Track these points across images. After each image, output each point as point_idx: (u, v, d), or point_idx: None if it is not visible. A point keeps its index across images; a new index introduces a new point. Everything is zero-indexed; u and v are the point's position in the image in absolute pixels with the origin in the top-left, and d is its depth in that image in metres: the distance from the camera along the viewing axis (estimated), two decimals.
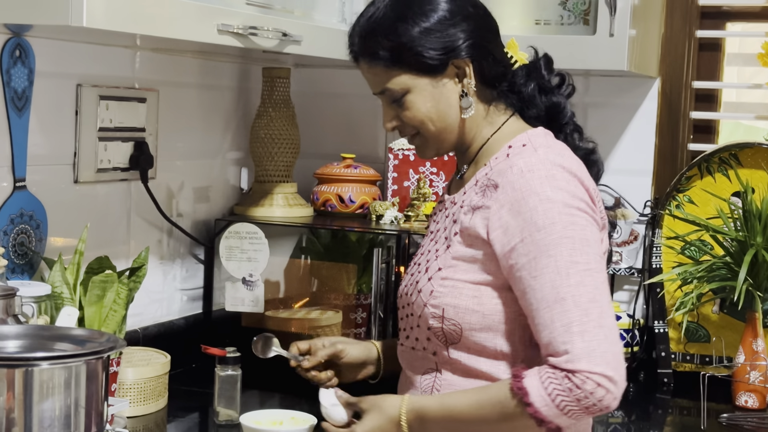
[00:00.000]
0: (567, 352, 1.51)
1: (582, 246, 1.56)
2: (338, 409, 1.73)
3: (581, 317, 1.52)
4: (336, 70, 2.85)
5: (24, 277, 2.03)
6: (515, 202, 1.58)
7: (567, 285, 1.54)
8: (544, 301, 1.54)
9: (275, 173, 2.62)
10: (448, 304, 1.64)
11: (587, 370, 1.50)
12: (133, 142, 2.31)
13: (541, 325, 1.55)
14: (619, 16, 2.27)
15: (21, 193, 2.02)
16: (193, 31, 1.87)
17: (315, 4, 2.30)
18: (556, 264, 1.55)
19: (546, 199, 1.57)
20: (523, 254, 1.56)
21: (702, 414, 2.24)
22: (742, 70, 2.79)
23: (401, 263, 2.34)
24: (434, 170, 2.60)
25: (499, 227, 1.59)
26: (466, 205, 1.66)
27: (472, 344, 1.64)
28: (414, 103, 1.68)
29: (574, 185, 1.60)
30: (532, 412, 1.52)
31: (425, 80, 1.67)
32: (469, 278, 1.64)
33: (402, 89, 1.67)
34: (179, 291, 2.54)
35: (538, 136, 1.69)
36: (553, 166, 1.60)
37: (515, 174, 1.60)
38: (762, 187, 2.46)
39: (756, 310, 2.35)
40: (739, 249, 2.34)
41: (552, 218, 1.56)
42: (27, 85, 2.01)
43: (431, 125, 1.69)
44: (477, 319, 1.63)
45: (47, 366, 1.43)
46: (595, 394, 1.50)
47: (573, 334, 1.51)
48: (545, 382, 1.52)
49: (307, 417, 1.93)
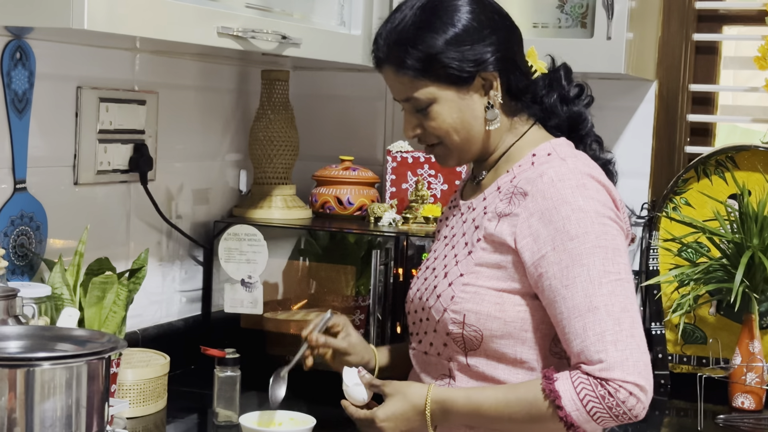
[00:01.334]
0: (601, 361, 1.52)
1: (614, 256, 1.57)
2: (360, 389, 1.72)
3: (614, 326, 1.53)
4: (335, 72, 2.86)
5: (24, 278, 2.03)
6: (546, 211, 1.59)
7: (600, 294, 1.55)
8: (576, 309, 1.55)
9: (274, 175, 2.63)
10: (470, 310, 1.64)
11: (621, 379, 1.51)
12: (132, 144, 2.32)
13: (572, 334, 1.55)
14: (616, 20, 2.28)
15: (21, 195, 2.03)
16: (193, 34, 1.88)
17: (314, 7, 2.31)
18: (589, 273, 1.55)
19: (578, 209, 1.58)
20: (555, 263, 1.57)
21: (699, 415, 2.25)
22: (738, 73, 2.80)
23: (400, 265, 2.34)
24: (432, 173, 2.61)
25: (528, 235, 1.59)
26: (490, 211, 1.66)
27: (492, 351, 1.64)
28: (440, 113, 1.67)
29: (603, 195, 1.62)
30: (563, 416, 1.53)
31: (452, 92, 1.66)
32: (492, 285, 1.63)
33: (428, 99, 1.66)
34: (178, 292, 2.55)
35: (561, 145, 1.69)
36: (583, 175, 1.61)
37: (546, 183, 1.60)
38: (758, 190, 2.47)
39: (752, 312, 2.36)
40: (736, 251, 2.35)
41: (585, 228, 1.57)
42: (27, 88, 2.02)
43: (456, 136, 1.68)
44: (498, 326, 1.63)
45: (49, 366, 1.44)
46: (627, 402, 1.52)
47: (606, 343, 1.52)
48: (578, 387, 1.53)
49: (306, 418, 1.94)
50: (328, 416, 2.06)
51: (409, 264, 2.34)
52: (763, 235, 2.32)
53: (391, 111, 2.85)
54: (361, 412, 1.69)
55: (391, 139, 2.80)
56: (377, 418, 1.66)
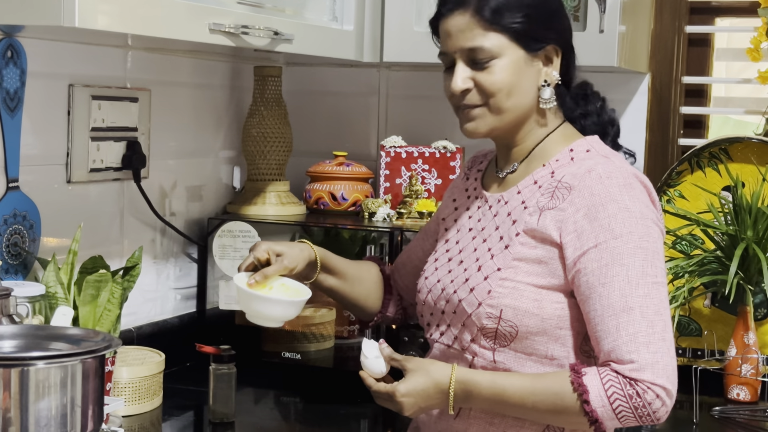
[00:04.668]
0: (632, 361, 1.52)
1: (653, 258, 1.57)
2: (379, 361, 1.67)
3: (647, 328, 1.53)
4: (328, 68, 2.86)
5: (18, 277, 2.03)
6: (592, 207, 1.58)
7: (636, 295, 1.54)
8: (611, 308, 1.55)
9: (268, 172, 2.63)
10: (508, 305, 1.62)
11: (650, 381, 1.51)
12: (125, 141, 2.32)
13: (604, 332, 1.55)
14: (608, 13, 2.28)
15: (14, 194, 2.02)
16: (185, 31, 1.88)
17: (306, 3, 2.31)
18: (628, 273, 1.55)
19: (624, 208, 1.58)
20: (595, 260, 1.56)
21: (694, 407, 2.25)
22: (731, 65, 2.81)
23: (394, 260, 2.34)
24: (426, 167, 2.61)
25: (573, 231, 1.59)
26: (531, 205, 1.64)
27: (523, 347, 1.63)
28: (502, 69, 1.63)
29: (646, 196, 1.62)
30: (589, 411, 1.53)
31: (521, 51, 1.64)
32: (532, 281, 1.62)
33: (496, 51, 1.63)
34: (173, 290, 2.54)
35: (599, 143, 1.70)
36: (630, 175, 1.61)
37: (594, 179, 1.60)
38: (752, 182, 2.47)
39: (747, 304, 2.37)
40: (730, 243, 2.35)
41: (630, 227, 1.57)
42: (19, 86, 2.02)
43: (506, 99, 1.65)
44: (535, 323, 1.61)
45: (43, 365, 1.44)
46: (653, 405, 1.52)
47: (639, 344, 1.52)
48: (606, 384, 1.53)
49: (300, 287, 1.78)
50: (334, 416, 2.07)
51: None
52: (757, 226, 2.32)
53: (384, 106, 2.84)
54: (381, 385, 1.65)
55: (384, 134, 2.80)
56: (397, 392, 1.62)
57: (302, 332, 2.44)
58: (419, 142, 2.64)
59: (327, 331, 2.42)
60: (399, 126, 2.79)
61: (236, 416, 2.13)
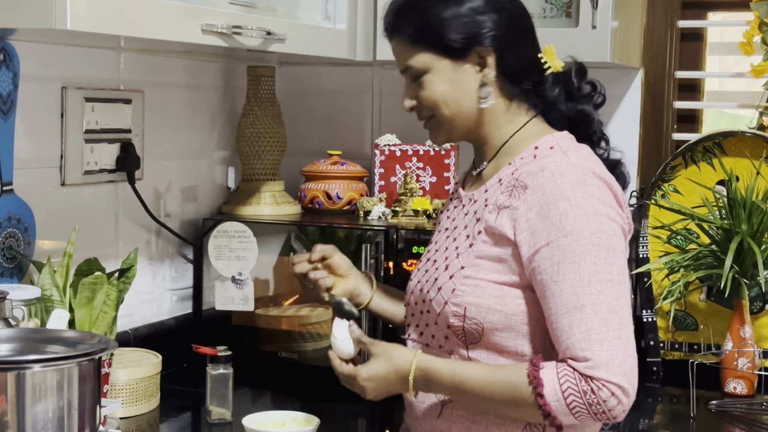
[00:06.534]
0: (587, 359, 1.52)
1: (606, 255, 1.57)
2: (348, 343, 1.71)
3: (600, 326, 1.53)
4: (321, 67, 2.86)
5: (13, 280, 2.03)
6: (545, 205, 1.59)
7: (588, 293, 1.54)
8: (563, 306, 1.55)
9: (262, 171, 2.63)
10: (471, 303, 1.63)
11: (605, 379, 1.51)
12: (119, 143, 2.32)
13: (559, 330, 1.55)
14: (601, 8, 2.28)
15: (8, 197, 2.02)
16: (177, 32, 1.87)
17: (298, 3, 2.31)
18: (579, 271, 1.55)
19: (576, 205, 1.57)
20: (547, 258, 1.57)
21: (691, 401, 2.26)
22: (724, 59, 2.81)
23: (390, 259, 2.34)
24: (421, 165, 2.61)
25: (526, 229, 1.59)
26: (491, 203, 1.66)
27: (493, 344, 1.64)
28: (431, 83, 1.69)
29: (604, 192, 1.61)
30: (542, 404, 1.53)
31: (446, 62, 1.68)
32: (493, 278, 1.63)
33: (422, 68, 1.68)
34: (169, 291, 2.54)
35: (564, 139, 1.69)
36: (584, 171, 1.61)
37: (546, 177, 1.60)
38: (746, 176, 2.47)
39: (742, 297, 2.37)
40: (725, 237, 2.35)
41: (580, 225, 1.57)
42: (12, 89, 2.01)
43: (445, 108, 1.69)
44: (499, 319, 1.63)
45: (40, 368, 1.43)
46: (608, 402, 1.51)
47: (592, 342, 1.52)
48: (561, 378, 1.53)
49: (309, 417, 1.93)
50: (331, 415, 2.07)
51: (400, 257, 2.34)
52: (752, 220, 2.33)
53: (378, 105, 2.84)
54: (345, 367, 1.70)
55: (378, 132, 2.79)
56: (359, 377, 1.67)
57: (299, 332, 2.44)
58: (413, 140, 2.64)
59: (323, 330, 2.42)
60: (393, 124, 2.79)
61: (233, 417, 2.12)
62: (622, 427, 2.16)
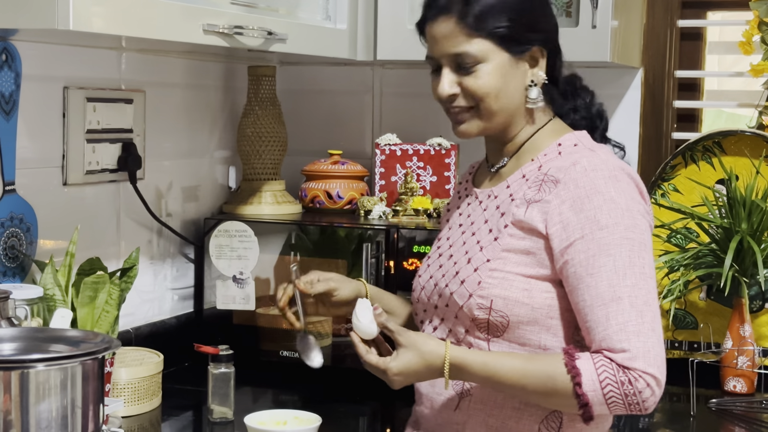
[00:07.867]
0: (624, 350, 1.53)
1: (640, 250, 1.59)
2: (372, 325, 1.65)
3: (637, 318, 1.54)
4: (321, 67, 2.86)
5: (16, 280, 2.03)
6: (578, 199, 1.60)
7: (624, 285, 1.56)
8: (600, 298, 1.56)
9: (263, 171, 2.63)
10: (497, 295, 1.63)
11: (642, 370, 1.53)
12: (120, 143, 2.32)
13: (594, 322, 1.56)
14: (601, 8, 2.29)
15: (10, 197, 2.02)
16: (179, 32, 1.88)
17: (299, 3, 2.31)
18: (615, 264, 1.56)
19: (610, 200, 1.59)
20: (582, 251, 1.58)
21: (691, 400, 2.26)
22: (723, 58, 2.81)
23: (391, 258, 2.35)
24: (421, 165, 2.61)
25: (558, 222, 1.60)
26: (518, 198, 1.66)
27: (516, 337, 1.65)
28: (487, 74, 1.66)
29: (633, 189, 1.63)
30: (580, 393, 1.54)
31: (506, 55, 1.66)
32: (520, 271, 1.64)
33: (480, 56, 1.65)
34: (170, 290, 2.55)
35: (586, 137, 1.72)
36: (615, 168, 1.63)
37: (579, 171, 1.61)
38: (746, 174, 2.48)
39: (742, 296, 2.38)
40: (725, 236, 2.36)
41: (615, 218, 1.58)
42: (14, 89, 2.02)
43: (494, 102, 1.67)
44: (525, 312, 1.63)
45: (43, 368, 1.44)
46: (643, 393, 1.53)
47: (629, 334, 1.53)
48: (599, 369, 1.54)
49: (311, 416, 1.94)
50: (333, 414, 2.08)
51: (400, 256, 2.35)
52: (752, 219, 2.33)
53: (378, 104, 2.85)
54: (374, 358, 1.63)
55: (379, 132, 2.80)
56: (390, 371, 1.62)
57: (298, 331, 2.44)
58: (414, 139, 2.65)
59: (324, 330, 2.43)
60: (393, 124, 2.80)
61: (235, 416, 2.13)
62: (622, 425, 2.16)
